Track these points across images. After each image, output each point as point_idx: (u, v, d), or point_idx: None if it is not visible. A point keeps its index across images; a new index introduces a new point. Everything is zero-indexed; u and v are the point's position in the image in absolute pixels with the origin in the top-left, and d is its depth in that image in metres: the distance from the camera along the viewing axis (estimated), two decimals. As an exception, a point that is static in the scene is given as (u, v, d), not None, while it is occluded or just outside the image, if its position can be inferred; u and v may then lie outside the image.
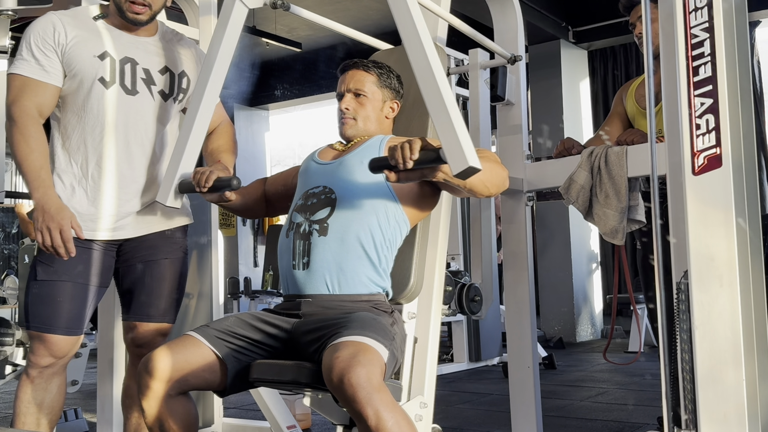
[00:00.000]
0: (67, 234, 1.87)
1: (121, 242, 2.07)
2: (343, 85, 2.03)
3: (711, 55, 1.70)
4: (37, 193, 1.89)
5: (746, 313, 1.66)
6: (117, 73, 2.00)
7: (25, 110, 1.93)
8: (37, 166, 1.91)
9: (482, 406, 3.98)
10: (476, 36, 2.33)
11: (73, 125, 2.00)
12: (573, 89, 7.52)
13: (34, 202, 1.90)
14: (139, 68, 2.04)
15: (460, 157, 1.53)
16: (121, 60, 2.01)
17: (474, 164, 1.52)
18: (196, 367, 1.73)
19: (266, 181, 2.19)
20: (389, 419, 1.47)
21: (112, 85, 1.99)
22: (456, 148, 1.53)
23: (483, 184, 1.77)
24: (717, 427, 1.64)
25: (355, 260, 1.83)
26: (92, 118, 1.99)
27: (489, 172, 1.77)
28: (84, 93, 1.98)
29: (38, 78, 1.96)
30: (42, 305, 1.97)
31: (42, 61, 1.96)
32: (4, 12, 2.97)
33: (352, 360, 1.51)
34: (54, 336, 1.97)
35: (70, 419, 3.42)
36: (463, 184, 1.73)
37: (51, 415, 2.02)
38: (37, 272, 1.98)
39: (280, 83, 9.43)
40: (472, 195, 1.81)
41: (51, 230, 1.86)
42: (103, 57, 1.99)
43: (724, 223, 1.67)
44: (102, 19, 2.04)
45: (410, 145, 1.59)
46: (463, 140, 1.53)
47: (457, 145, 1.53)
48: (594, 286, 7.50)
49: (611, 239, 2.21)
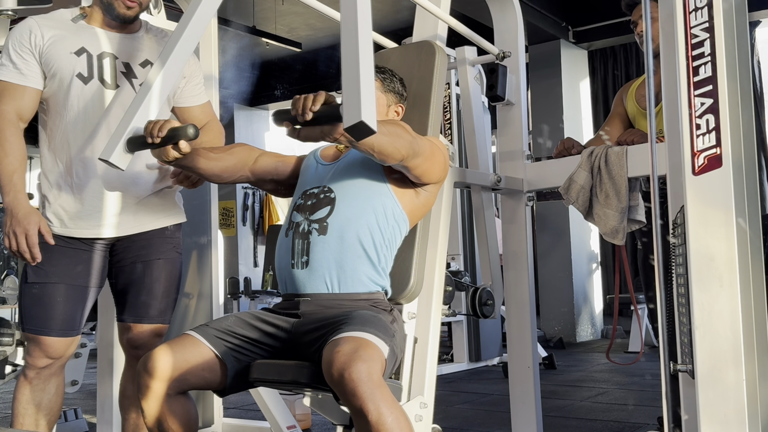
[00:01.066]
0: (32, 239, 1.87)
1: (114, 242, 2.06)
2: None
3: (711, 55, 1.70)
4: (8, 197, 1.89)
5: (746, 313, 1.65)
6: (95, 68, 2.00)
7: (2, 114, 1.94)
8: (10, 170, 1.91)
9: (482, 406, 3.98)
10: (470, 35, 2.33)
11: (57, 125, 2.00)
12: (573, 89, 7.52)
13: (4, 206, 1.90)
14: (118, 62, 2.03)
15: (355, 110, 1.36)
16: (98, 55, 2.01)
17: (367, 120, 1.35)
18: (196, 366, 1.72)
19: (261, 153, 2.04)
20: (389, 416, 1.47)
21: (90, 80, 1.99)
22: (354, 101, 1.36)
23: (393, 146, 1.68)
24: (717, 427, 1.64)
25: (354, 259, 1.83)
26: (73, 114, 1.98)
27: (395, 136, 1.69)
28: (64, 91, 1.98)
29: (16, 81, 1.96)
30: (35, 307, 1.97)
31: (19, 64, 1.96)
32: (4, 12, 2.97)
33: (353, 355, 1.51)
34: (49, 338, 1.96)
35: (69, 419, 3.41)
36: (369, 147, 1.64)
37: (49, 416, 2.01)
38: (28, 275, 1.98)
39: (280, 83, 9.42)
40: (384, 161, 1.72)
41: (17, 235, 1.87)
42: (79, 53, 1.99)
43: (724, 223, 1.67)
44: (81, 20, 2.05)
45: (313, 97, 1.51)
46: (364, 95, 1.36)
47: (355, 99, 1.36)
48: (594, 286, 7.50)
49: (611, 239, 2.21)
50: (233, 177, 1.97)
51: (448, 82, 5.00)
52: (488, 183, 2.34)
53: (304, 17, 7.55)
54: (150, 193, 2.07)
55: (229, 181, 1.98)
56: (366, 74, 1.38)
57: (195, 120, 2.17)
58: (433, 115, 2.03)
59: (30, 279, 1.97)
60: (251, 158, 1.99)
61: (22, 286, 2.00)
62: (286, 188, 2.07)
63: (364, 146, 1.63)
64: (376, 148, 1.65)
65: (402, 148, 1.71)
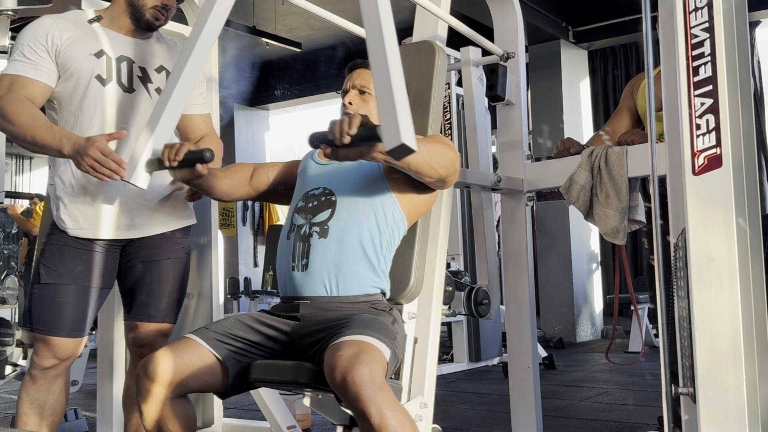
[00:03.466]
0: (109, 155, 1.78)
1: (125, 243, 2.07)
2: (349, 82, 2.03)
3: (711, 55, 1.70)
4: (66, 148, 1.84)
5: (746, 313, 1.66)
6: (114, 70, 2.00)
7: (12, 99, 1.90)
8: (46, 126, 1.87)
9: (482, 406, 3.98)
10: (472, 35, 2.33)
11: (70, 125, 1.99)
12: (573, 89, 7.52)
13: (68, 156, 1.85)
14: (135, 66, 2.04)
15: (394, 133, 1.42)
16: (117, 58, 2.02)
17: (407, 142, 1.41)
18: (197, 370, 1.72)
19: (255, 167, 2.12)
20: (392, 418, 1.47)
21: (109, 83, 1.99)
22: (392, 124, 1.42)
23: (428, 164, 1.73)
24: (717, 427, 1.64)
25: (354, 262, 1.83)
26: (89, 115, 1.98)
27: (433, 153, 1.73)
28: (81, 91, 1.98)
29: (28, 75, 1.94)
30: (45, 308, 1.97)
31: (33, 59, 1.95)
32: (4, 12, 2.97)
33: (355, 359, 1.51)
34: (57, 338, 1.96)
35: (70, 419, 3.42)
36: (406, 165, 1.69)
37: (53, 417, 2.01)
38: (41, 275, 1.98)
39: (280, 83, 9.43)
40: (420, 177, 1.76)
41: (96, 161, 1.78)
42: (99, 55, 1.99)
43: (724, 223, 1.67)
44: (97, 22, 2.05)
45: (350, 120, 1.54)
46: (401, 117, 1.42)
47: (393, 121, 1.42)
48: (594, 286, 7.50)
49: (612, 239, 2.21)
50: (237, 194, 2.06)
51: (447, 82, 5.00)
52: (488, 183, 2.34)
53: (304, 17, 7.54)
54: (163, 196, 2.09)
55: (234, 198, 2.07)
56: (400, 96, 1.44)
57: (196, 128, 2.19)
58: (433, 116, 2.03)
59: (43, 280, 1.97)
60: (248, 173, 2.07)
61: (34, 287, 1.99)
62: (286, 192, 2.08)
63: (401, 164, 1.68)
64: (413, 166, 1.70)
65: (441, 168, 1.77)
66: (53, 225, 2.02)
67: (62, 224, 1.98)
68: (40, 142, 1.87)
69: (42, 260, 1.99)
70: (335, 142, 1.55)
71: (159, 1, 2.02)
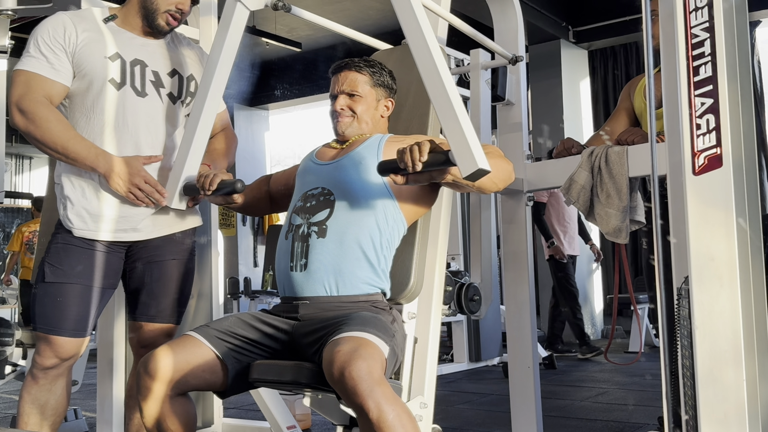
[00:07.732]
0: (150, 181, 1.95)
1: (130, 243, 2.07)
2: (336, 86, 2.02)
3: (711, 55, 1.70)
4: (101, 167, 1.93)
5: (746, 313, 1.66)
6: (128, 74, 2.00)
7: (32, 98, 1.91)
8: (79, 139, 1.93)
9: (482, 406, 3.98)
10: (477, 36, 2.33)
11: (81, 126, 1.98)
12: (573, 89, 7.52)
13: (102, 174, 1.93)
14: (148, 70, 2.03)
15: (469, 159, 1.53)
16: (131, 62, 2.01)
17: (483, 166, 1.52)
18: (197, 367, 1.72)
19: (270, 178, 2.19)
20: (390, 412, 1.47)
21: (122, 87, 1.99)
22: (465, 150, 1.53)
23: (491, 181, 1.77)
24: (717, 427, 1.64)
25: (353, 262, 1.83)
26: (101, 118, 1.97)
27: (496, 169, 1.77)
28: (94, 94, 1.97)
29: (46, 75, 1.94)
30: (49, 307, 1.96)
31: (51, 59, 1.94)
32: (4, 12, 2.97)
33: (353, 354, 1.51)
34: (60, 338, 1.95)
35: (69, 419, 3.42)
36: (471, 184, 1.73)
37: (54, 417, 2.01)
38: (45, 274, 1.97)
39: (280, 83, 9.43)
40: (480, 192, 1.81)
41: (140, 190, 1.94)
42: (113, 58, 1.98)
43: (725, 223, 1.67)
44: (111, 21, 2.04)
45: (419, 148, 1.59)
46: (471, 142, 1.53)
47: (466, 148, 1.53)
48: (594, 286, 7.50)
49: (614, 238, 2.20)
50: (259, 206, 2.20)
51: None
52: (488, 183, 2.34)
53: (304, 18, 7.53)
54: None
55: (261, 212, 2.26)
56: (465, 123, 1.55)
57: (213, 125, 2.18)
58: (434, 116, 2.03)
59: (48, 279, 1.97)
60: (266, 186, 2.18)
61: (38, 285, 1.99)
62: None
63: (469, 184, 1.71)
64: (478, 184, 1.73)
65: (501, 182, 1.83)
66: (59, 224, 2.01)
67: (69, 224, 1.98)
68: (72, 155, 1.91)
69: (47, 259, 1.98)
70: (407, 170, 1.60)
71: (173, 6, 2.01)
